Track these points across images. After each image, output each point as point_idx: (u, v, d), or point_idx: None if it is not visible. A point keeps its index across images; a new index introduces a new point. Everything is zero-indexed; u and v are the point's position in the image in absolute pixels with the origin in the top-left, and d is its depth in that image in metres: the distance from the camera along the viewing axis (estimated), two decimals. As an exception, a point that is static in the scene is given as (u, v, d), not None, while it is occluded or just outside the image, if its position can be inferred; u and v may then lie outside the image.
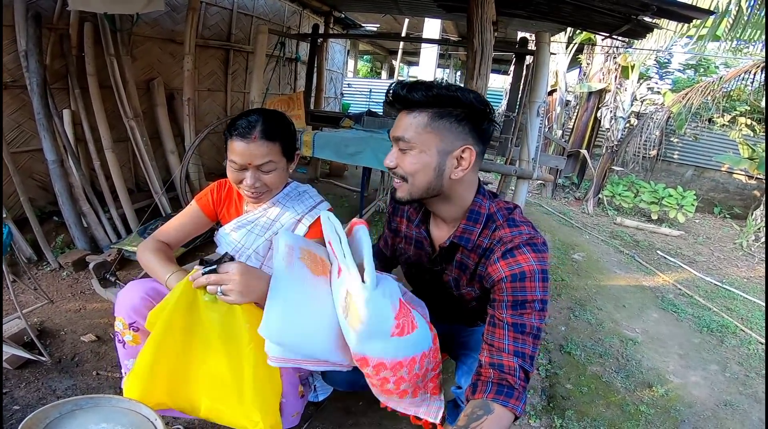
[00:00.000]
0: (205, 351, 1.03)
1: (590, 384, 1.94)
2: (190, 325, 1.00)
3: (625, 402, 1.85)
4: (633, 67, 5.92)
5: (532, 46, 3.17)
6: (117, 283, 2.12)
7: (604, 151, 6.13)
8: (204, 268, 0.94)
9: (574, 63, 6.76)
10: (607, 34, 3.14)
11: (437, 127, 0.89)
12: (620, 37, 3.27)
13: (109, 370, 1.61)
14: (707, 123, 6.83)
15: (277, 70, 4.72)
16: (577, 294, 2.92)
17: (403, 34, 7.47)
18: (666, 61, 7.50)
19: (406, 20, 7.25)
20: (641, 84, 6.59)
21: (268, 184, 1.15)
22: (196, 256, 2.62)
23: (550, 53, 2.66)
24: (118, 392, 1.47)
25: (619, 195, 5.81)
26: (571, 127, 6.75)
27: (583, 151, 6.22)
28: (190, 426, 1.37)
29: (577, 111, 6.66)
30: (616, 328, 2.52)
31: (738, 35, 4.31)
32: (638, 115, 6.68)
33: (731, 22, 4.27)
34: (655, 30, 3.62)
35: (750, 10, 4.11)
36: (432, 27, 7.96)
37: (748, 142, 5.99)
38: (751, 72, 4.77)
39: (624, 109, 6.07)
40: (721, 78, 5.12)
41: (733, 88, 5.19)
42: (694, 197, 5.47)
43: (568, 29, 5.65)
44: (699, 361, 2.30)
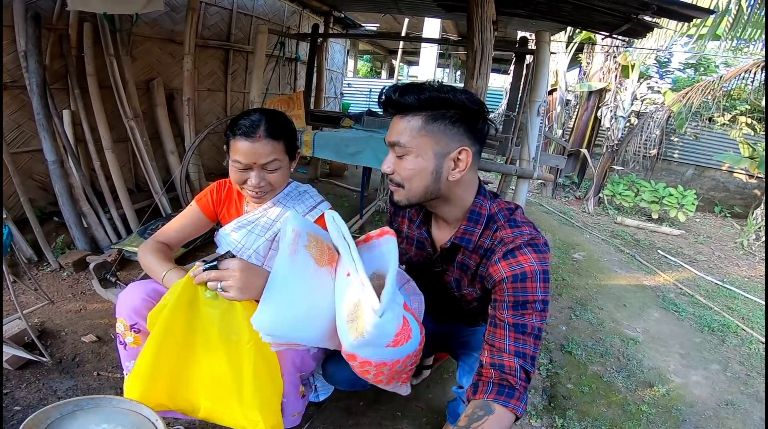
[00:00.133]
0: (206, 350, 1.02)
1: (591, 384, 1.94)
2: (190, 324, 1.00)
3: (627, 402, 1.85)
4: (633, 67, 5.92)
5: (532, 46, 3.16)
6: (117, 284, 2.12)
7: (605, 151, 6.13)
8: (205, 265, 0.94)
9: (574, 62, 6.75)
10: (607, 34, 3.13)
11: (432, 130, 0.88)
12: (620, 37, 3.26)
13: (109, 371, 1.61)
14: (708, 122, 6.82)
15: (277, 70, 4.72)
16: (578, 293, 2.92)
17: (403, 34, 7.48)
18: (666, 60, 7.49)
19: (406, 20, 7.26)
20: (641, 83, 6.58)
21: (273, 183, 1.15)
22: (197, 256, 2.62)
23: (550, 52, 2.65)
24: (119, 393, 1.48)
25: (620, 194, 5.80)
26: (572, 127, 6.74)
27: (584, 151, 6.21)
28: (190, 427, 1.37)
29: (577, 110, 6.65)
30: (617, 328, 2.51)
31: (738, 34, 4.31)
32: (638, 115, 6.67)
33: (731, 22, 4.27)
34: (656, 29, 3.62)
35: (750, 9, 4.10)
36: (432, 26, 7.96)
37: (749, 141, 5.98)
38: (752, 71, 4.76)
39: (624, 109, 6.07)
40: (721, 77, 5.11)
41: (733, 88, 5.18)
42: (695, 196, 5.47)
43: (568, 28, 5.64)
44: (700, 361, 2.29)
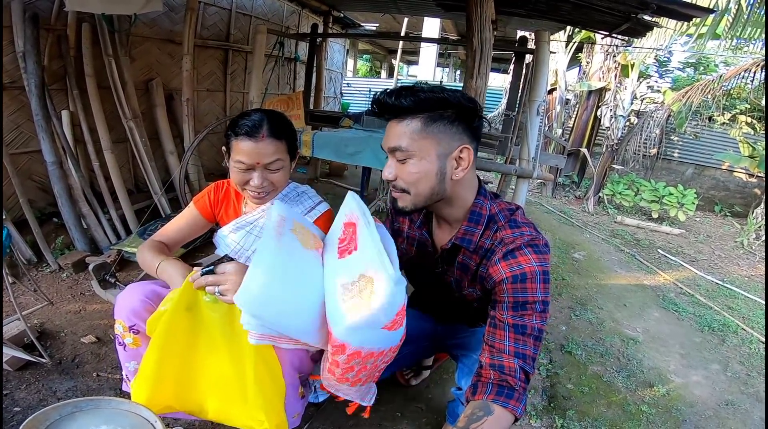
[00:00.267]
0: (209, 352, 1.03)
1: (591, 384, 1.94)
2: (192, 327, 1.01)
3: (627, 402, 1.85)
4: (633, 66, 5.91)
5: (532, 45, 3.16)
6: (117, 285, 2.12)
7: (605, 150, 6.13)
8: (202, 269, 0.94)
9: (574, 62, 6.74)
10: (606, 33, 3.13)
11: (432, 131, 0.88)
12: (620, 36, 3.26)
13: (109, 372, 1.61)
14: (707, 121, 6.82)
15: (276, 70, 4.71)
16: (578, 293, 2.92)
17: (403, 34, 7.46)
18: (666, 59, 7.48)
19: (406, 19, 7.25)
20: (641, 82, 6.57)
21: (275, 183, 1.15)
22: (196, 256, 2.62)
23: (550, 52, 2.65)
24: (118, 393, 1.48)
25: (620, 193, 5.80)
26: (571, 126, 6.74)
27: (583, 150, 6.21)
28: (190, 427, 1.37)
29: (577, 110, 6.65)
30: (617, 328, 2.51)
31: (738, 34, 4.31)
32: (638, 114, 6.67)
33: (731, 21, 4.26)
34: (655, 28, 3.61)
35: (750, 8, 4.10)
36: (431, 26, 7.97)
37: (749, 140, 5.98)
38: (751, 70, 4.76)
39: (624, 108, 6.06)
40: (721, 76, 5.11)
41: (733, 87, 5.17)
42: (695, 195, 5.46)
43: (568, 28, 5.63)
44: (700, 361, 2.29)
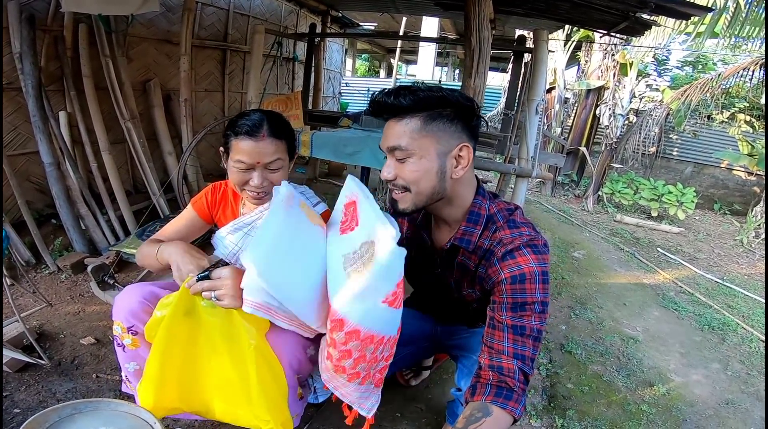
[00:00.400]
0: (211, 355, 1.05)
1: (591, 383, 1.94)
2: (192, 332, 1.03)
3: (627, 401, 1.85)
4: (631, 65, 5.91)
5: (530, 44, 3.16)
6: (115, 286, 2.12)
7: (604, 149, 6.13)
8: (198, 275, 0.94)
9: (573, 60, 6.74)
10: (605, 32, 3.13)
11: (432, 130, 0.88)
12: (618, 35, 3.26)
13: (108, 373, 1.61)
14: (706, 120, 6.83)
15: (275, 70, 4.71)
16: (578, 292, 2.92)
17: (401, 33, 7.45)
18: (664, 58, 7.48)
19: (404, 19, 7.24)
20: (640, 81, 6.57)
21: (275, 183, 1.15)
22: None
23: (548, 51, 2.65)
24: (117, 395, 1.48)
25: (619, 192, 5.80)
26: (570, 125, 6.74)
27: (582, 149, 6.21)
28: (189, 428, 1.37)
29: (575, 108, 6.65)
30: (616, 327, 2.51)
31: (736, 32, 4.31)
32: (637, 112, 6.67)
33: (729, 19, 4.26)
34: (653, 27, 3.61)
35: (748, 7, 4.10)
36: (430, 25, 7.97)
37: (747, 139, 5.99)
38: (750, 69, 4.76)
39: (623, 107, 6.06)
40: (719, 75, 5.12)
41: (731, 85, 5.19)
42: (694, 194, 5.47)
43: (566, 27, 5.63)
44: (700, 360, 2.29)
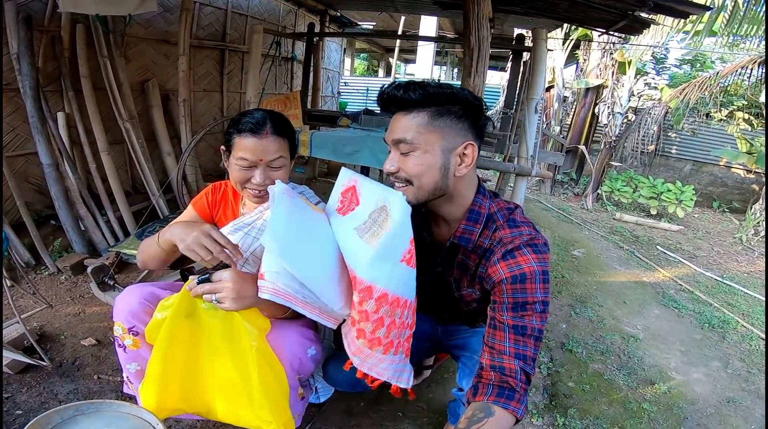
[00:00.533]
0: (212, 356, 1.06)
1: (592, 382, 1.94)
2: (193, 334, 1.03)
3: (628, 400, 1.85)
4: (630, 63, 5.92)
5: (529, 43, 3.15)
6: (115, 287, 2.11)
7: (603, 147, 6.14)
8: (198, 277, 0.95)
9: (571, 59, 6.75)
10: (603, 30, 3.13)
11: (439, 125, 0.89)
12: (617, 33, 3.26)
13: (109, 374, 1.60)
14: (705, 118, 6.84)
15: (273, 70, 4.69)
16: (578, 291, 2.92)
17: (400, 32, 7.44)
18: (663, 56, 7.49)
19: (403, 18, 7.23)
20: (638, 79, 6.58)
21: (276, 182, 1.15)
22: (195, 258, 2.60)
23: (547, 49, 2.65)
24: (119, 396, 1.48)
25: (618, 190, 5.81)
26: (569, 124, 6.75)
27: (582, 147, 6.22)
28: (192, 428, 1.37)
29: (574, 107, 6.65)
30: (617, 325, 2.51)
31: (734, 30, 4.30)
32: (636, 111, 6.68)
33: (727, 18, 4.26)
34: (652, 25, 3.61)
35: (746, 5, 4.10)
36: (428, 24, 7.95)
37: (746, 137, 5.99)
38: (748, 67, 4.77)
39: (621, 105, 6.07)
40: (717, 73, 5.12)
41: (730, 83, 5.19)
42: (693, 192, 5.48)
43: (565, 25, 5.63)
44: (701, 358, 2.29)
